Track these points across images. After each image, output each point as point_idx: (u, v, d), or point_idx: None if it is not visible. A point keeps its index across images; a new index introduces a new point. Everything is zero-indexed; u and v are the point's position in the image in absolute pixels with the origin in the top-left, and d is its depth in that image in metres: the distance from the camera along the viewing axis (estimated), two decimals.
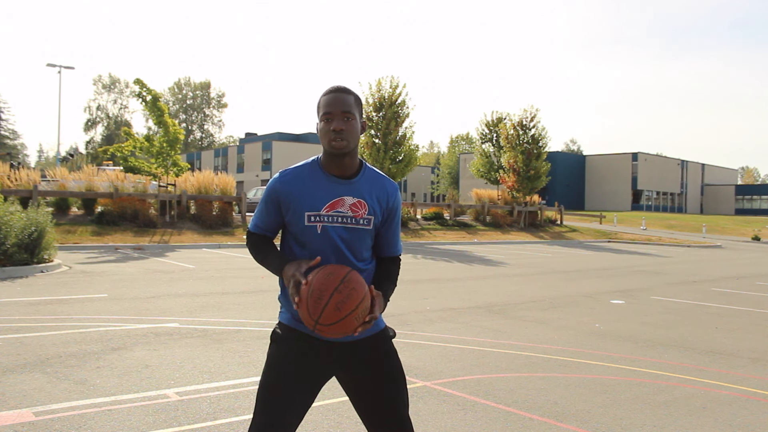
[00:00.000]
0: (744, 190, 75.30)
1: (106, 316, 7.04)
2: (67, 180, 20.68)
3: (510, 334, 6.70)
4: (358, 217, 2.18)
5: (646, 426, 3.97)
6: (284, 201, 2.19)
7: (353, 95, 2.18)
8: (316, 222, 2.16)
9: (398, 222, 2.34)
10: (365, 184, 2.22)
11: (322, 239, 2.16)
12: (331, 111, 2.12)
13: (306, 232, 2.18)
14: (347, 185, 2.19)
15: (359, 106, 2.21)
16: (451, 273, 13.08)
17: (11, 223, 10.79)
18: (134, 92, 20.43)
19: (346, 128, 2.12)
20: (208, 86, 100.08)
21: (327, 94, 2.17)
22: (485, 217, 29.72)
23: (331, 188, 2.17)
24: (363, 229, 2.20)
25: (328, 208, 2.16)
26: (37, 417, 3.79)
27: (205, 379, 4.67)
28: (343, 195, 2.18)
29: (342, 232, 2.17)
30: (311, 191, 2.17)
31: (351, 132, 2.13)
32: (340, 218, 2.17)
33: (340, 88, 2.18)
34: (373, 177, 2.25)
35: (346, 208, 2.17)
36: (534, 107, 30.75)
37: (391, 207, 2.27)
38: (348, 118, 2.13)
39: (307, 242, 2.19)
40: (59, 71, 40.37)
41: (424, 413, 4.07)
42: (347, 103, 2.14)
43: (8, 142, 72.41)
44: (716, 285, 12.21)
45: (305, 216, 2.16)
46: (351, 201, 2.18)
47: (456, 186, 69.51)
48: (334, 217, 2.16)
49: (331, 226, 2.16)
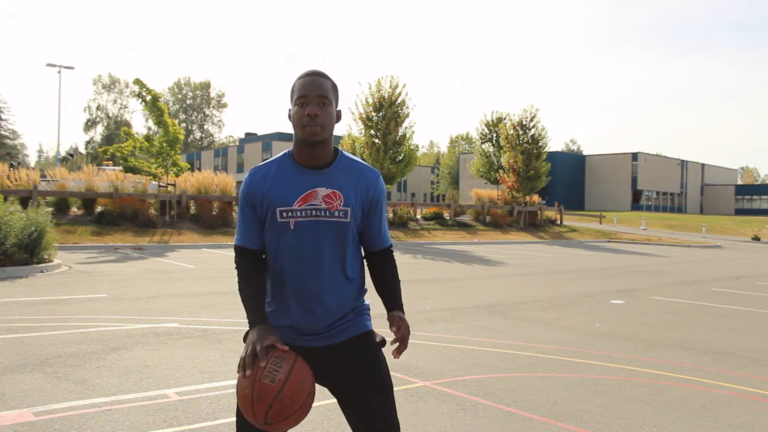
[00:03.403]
0: (744, 190, 75.29)
1: (106, 316, 7.04)
2: (67, 180, 20.68)
3: (510, 334, 6.70)
4: (332, 209, 2.02)
5: (646, 426, 3.97)
6: (257, 201, 2.04)
7: (330, 81, 2.04)
8: (288, 218, 2.01)
9: (383, 212, 2.18)
10: (340, 173, 2.06)
11: (296, 237, 2.02)
12: (306, 94, 1.98)
13: (279, 231, 2.03)
14: (320, 176, 2.03)
15: (336, 93, 2.07)
16: (451, 273, 13.08)
17: (11, 223, 10.78)
18: (134, 92, 20.43)
19: (321, 114, 1.97)
20: (208, 86, 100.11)
21: (302, 77, 2.02)
22: (485, 217, 29.72)
23: (303, 180, 2.03)
24: (340, 222, 2.03)
25: (300, 202, 2.01)
26: (37, 417, 3.79)
27: (205, 379, 4.67)
28: (316, 186, 2.02)
29: (317, 228, 2.02)
30: (282, 185, 2.02)
31: (326, 118, 1.99)
32: (314, 211, 2.01)
33: (316, 72, 2.03)
34: (349, 165, 2.09)
35: (320, 200, 2.01)
36: (534, 107, 30.79)
37: (372, 197, 2.10)
38: (324, 104, 1.99)
39: (282, 242, 2.04)
40: (59, 71, 40.38)
41: (424, 413, 4.07)
42: (323, 88, 2.00)
43: (8, 142, 72.38)
44: (716, 285, 12.21)
45: (277, 212, 2.01)
46: (324, 192, 2.02)
47: (456, 186, 69.51)
48: (307, 211, 2.01)
49: (304, 220, 2.01)
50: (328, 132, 2.00)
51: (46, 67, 72.45)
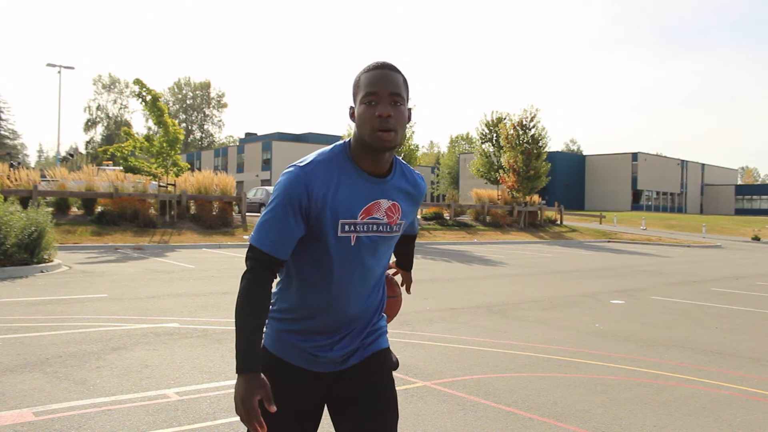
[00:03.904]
0: (744, 190, 75.29)
1: (106, 316, 7.04)
2: (67, 180, 20.67)
3: (510, 334, 6.70)
4: (392, 224, 1.81)
5: (646, 426, 3.97)
6: (314, 206, 1.68)
7: (402, 75, 1.75)
8: (350, 232, 1.72)
9: (418, 208, 2.03)
10: (398, 182, 1.82)
11: (352, 255, 1.75)
12: (377, 91, 1.67)
13: (335, 247, 1.73)
14: (382, 185, 1.77)
15: (408, 90, 1.76)
16: (451, 273, 13.08)
17: (11, 223, 10.78)
18: (134, 92, 20.43)
19: (394, 114, 1.68)
20: (208, 86, 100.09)
21: (370, 70, 1.71)
22: (485, 217, 29.72)
23: (367, 189, 1.75)
24: (395, 236, 1.85)
25: (363, 215, 1.74)
26: (37, 417, 3.79)
27: (205, 379, 4.67)
28: (378, 197, 1.76)
29: (376, 244, 1.79)
30: (348, 193, 1.72)
31: (400, 120, 1.70)
32: (376, 226, 1.77)
33: (387, 65, 1.72)
34: (404, 173, 1.86)
35: (382, 213, 1.77)
36: (534, 107, 30.76)
37: (420, 201, 1.94)
38: (397, 103, 1.69)
39: (331, 260, 1.74)
40: (59, 71, 40.39)
41: (424, 413, 4.07)
42: (396, 83, 1.70)
43: (8, 142, 72.39)
44: (716, 285, 12.20)
45: (339, 225, 1.71)
46: (387, 204, 1.78)
47: (456, 186, 69.50)
48: (369, 226, 1.75)
49: (366, 236, 1.76)
50: (401, 134, 1.71)
51: (46, 67, 72.47)
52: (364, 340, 1.88)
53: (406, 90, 1.74)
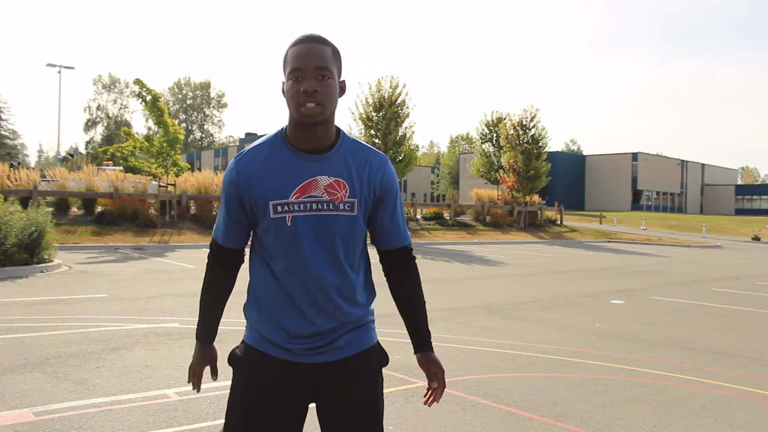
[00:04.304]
0: (744, 190, 75.29)
1: (106, 316, 7.04)
2: (67, 180, 20.69)
3: (510, 334, 6.70)
4: (336, 201, 1.71)
5: (646, 426, 3.97)
6: (244, 193, 1.73)
7: (330, 46, 1.70)
8: (284, 212, 1.70)
9: (398, 203, 1.85)
10: (343, 158, 1.74)
11: (294, 236, 1.70)
12: (302, 66, 1.64)
13: (273, 229, 1.72)
14: (321, 161, 1.72)
15: (338, 60, 1.72)
16: (451, 273, 13.08)
17: (11, 223, 10.78)
18: (134, 92, 20.44)
19: (321, 89, 1.64)
20: (208, 86, 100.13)
21: (296, 44, 1.67)
22: (485, 217, 29.72)
23: (301, 167, 1.71)
24: (346, 216, 1.73)
25: (298, 193, 1.70)
26: (37, 417, 3.79)
27: (205, 379, 4.65)
28: (317, 174, 1.71)
29: (319, 223, 1.71)
30: (275, 173, 1.71)
31: (327, 94, 1.66)
32: (315, 204, 1.70)
33: (312, 37, 1.68)
34: (354, 149, 1.77)
35: (321, 190, 1.70)
36: (534, 107, 30.80)
37: (383, 184, 1.78)
38: (324, 77, 1.65)
39: (276, 243, 1.73)
40: (59, 71, 40.40)
41: (424, 413, 4.06)
42: (323, 56, 1.66)
43: (8, 142, 72.39)
44: (716, 285, 12.20)
45: (270, 206, 1.70)
46: (326, 181, 1.71)
47: (456, 186, 69.51)
48: (306, 204, 1.70)
49: (303, 215, 1.70)
50: (329, 110, 1.68)
51: (46, 67, 72.42)
52: (344, 335, 1.80)
53: (335, 62, 1.71)
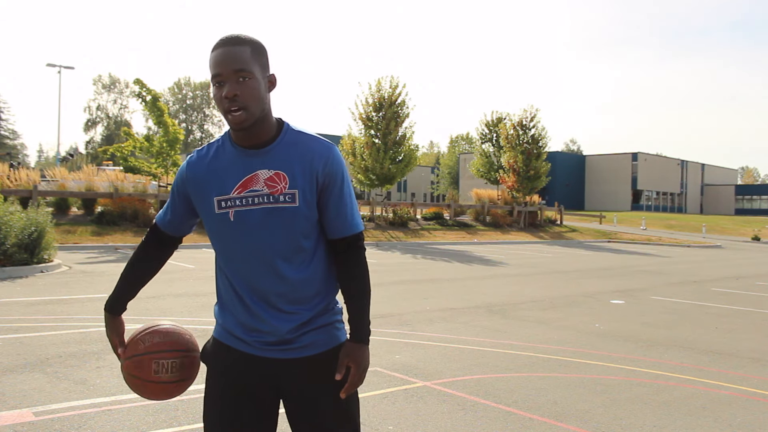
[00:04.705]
0: (744, 190, 75.31)
1: None
2: (67, 180, 20.69)
3: (510, 334, 6.70)
4: (276, 194, 1.72)
5: (646, 426, 3.97)
6: (192, 190, 1.80)
7: (249, 45, 1.68)
8: (227, 208, 1.74)
9: (346, 191, 1.80)
10: (285, 150, 1.75)
11: (237, 231, 1.74)
12: (221, 72, 1.65)
13: (218, 224, 1.76)
14: (261, 156, 1.74)
15: (260, 57, 1.71)
16: (451, 273, 13.08)
17: (11, 223, 10.78)
18: (134, 92, 20.43)
19: (242, 92, 1.65)
20: (208, 86, 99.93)
21: (214, 49, 1.68)
22: (485, 217, 29.72)
23: (242, 163, 1.74)
24: (287, 208, 1.72)
25: (239, 189, 1.73)
26: (37, 417, 3.79)
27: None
28: (257, 169, 1.73)
29: (261, 217, 1.72)
30: (219, 171, 1.76)
31: (250, 95, 1.66)
32: (256, 198, 1.72)
33: (229, 39, 1.67)
34: (295, 140, 1.76)
35: (261, 184, 1.72)
36: (534, 107, 30.81)
37: (326, 172, 1.75)
38: (244, 78, 1.65)
39: (222, 238, 1.78)
40: (59, 71, 40.43)
41: (424, 413, 4.07)
42: (240, 59, 1.65)
43: (8, 142, 72.40)
44: (716, 285, 12.20)
45: (215, 202, 1.75)
46: (266, 175, 1.73)
47: (456, 186, 69.51)
48: (247, 199, 1.72)
49: (244, 210, 1.72)
50: (256, 109, 1.68)
51: (46, 67, 72.45)
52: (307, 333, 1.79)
53: (256, 60, 1.69)
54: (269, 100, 1.75)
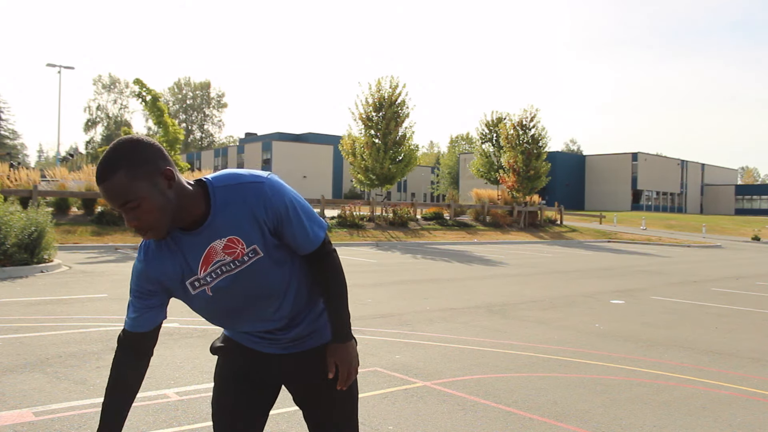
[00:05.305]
0: (744, 190, 75.29)
1: (106, 316, 7.04)
2: (67, 180, 20.68)
3: (510, 334, 6.70)
4: (239, 257, 1.78)
5: (646, 426, 3.97)
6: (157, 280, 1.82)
7: (123, 168, 1.61)
8: (202, 286, 1.81)
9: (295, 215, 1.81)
10: (222, 216, 1.76)
11: (221, 300, 1.83)
12: (112, 206, 1.67)
13: (201, 302, 1.85)
14: (206, 231, 1.76)
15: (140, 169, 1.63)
16: (451, 273, 13.08)
17: (11, 223, 10.78)
18: (134, 92, 20.45)
19: (140, 219, 1.66)
20: (208, 86, 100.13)
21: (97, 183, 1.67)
22: (485, 217, 29.72)
23: (194, 243, 1.77)
24: (255, 262, 1.80)
25: (203, 266, 1.79)
26: (37, 417, 3.79)
27: (205, 379, 4.66)
28: (210, 242, 1.77)
29: (236, 282, 1.81)
30: (177, 256, 1.80)
31: (147, 216, 1.66)
32: (223, 268, 1.79)
33: (102, 173, 1.63)
34: (226, 201, 1.76)
35: (221, 254, 1.78)
36: (534, 107, 30.82)
37: (272, 212, 1.77)
38: (133, 207, 1.64)
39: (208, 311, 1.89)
40: (59, 71, 40.40)
41: (424, 413, 4.07)
42: (119, 192, 1.62)
43: (8, 142, 72.42)
44: (716, 285, 12.21)
45: (188, 285, 1.82)
46: (221, 245, 1.77)
47: (456, 186, 69.51)
48: (215, 272, 1.79)
49: (217, 281, 1.81)
50: (163, 221, 1.69)
51: (46, 67, 72.50)
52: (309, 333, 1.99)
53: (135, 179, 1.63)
54: (177, 192, 1.70)
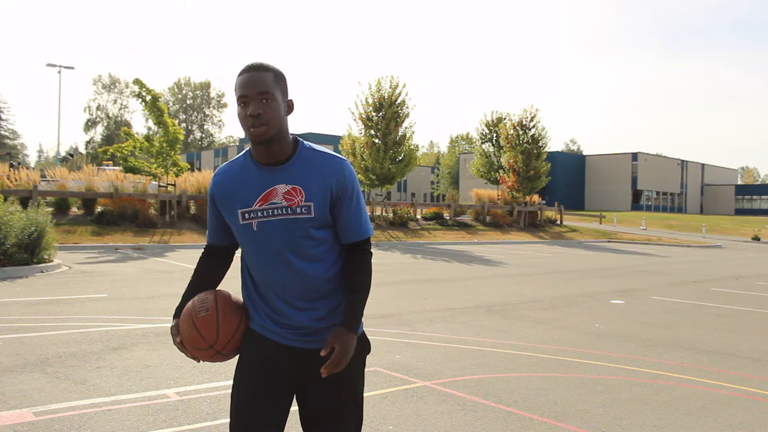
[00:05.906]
0: (744, 190, 75.29)
1: (106, 316, 7.04)
2: (67, 180, 20.69)
3: (510, 334, 6.70)
4: (294, 206, 1.94)
5: (646, 426, 3.97)
6: (220, 203, 2.05)
7: (272, 72, 1.93)
8: (250, 219, 1.98)
9: (355, 201, 2.01)
10: (301, 167, 1.97)
11: (261, 239, 1.98)
12: (246, 93, 1.89)
13: (243, 234, 2.01)
14: (279, 172, 1.96)
15: (281, 83, 1.95)
16: (451, 273, 13.08)
17: (11, 223, 10.78)
18: (134, 92, 20.42)
19: (264, 112, 1.88)
20: (208, 86, 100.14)
21: (241, 74, 1.92)
22: (485, 217, 29.72)
23: (263, 179, 1.97)
24: (303, 218, 1.95)
25: (260, 202, 1.96)
26: (37, 417, 3.79)
27: (205, 379, 4.67)
28: (275, 184, 1.96)
29: (281, 227, 1.96)
30: (242, 186, 1.99)
31: (271, 115, 1.89)
32: (275, 210, 1.95)
33: (255, 66, 1.93)
34: (310, 157, 1.99)
35: (280, 197, 1.95)
36: (534, 107, 30.79)
37: (340, 186, 1.97)
38: (267, 100, 1.89)
39: (248, 247, 2.02)
40: (59, 71, 40.40)
41: (424, 413, 4.07)
42: (264, 83, 1.89)
43: (8, 142, 72.41)
44: (716, 285, 12.21)
45: (239, 214, 1.99)
46: (284, 189, 1.95)
47: (456, 186, 69.50)
48: (268, 211, 1.95)
49: (266, 221, 1.96)
50: (276, 128, 1.91)
51: (46, 67, 72.47)
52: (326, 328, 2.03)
53: (278, 85, 1.93)
54: (287, 123, 1.97)
